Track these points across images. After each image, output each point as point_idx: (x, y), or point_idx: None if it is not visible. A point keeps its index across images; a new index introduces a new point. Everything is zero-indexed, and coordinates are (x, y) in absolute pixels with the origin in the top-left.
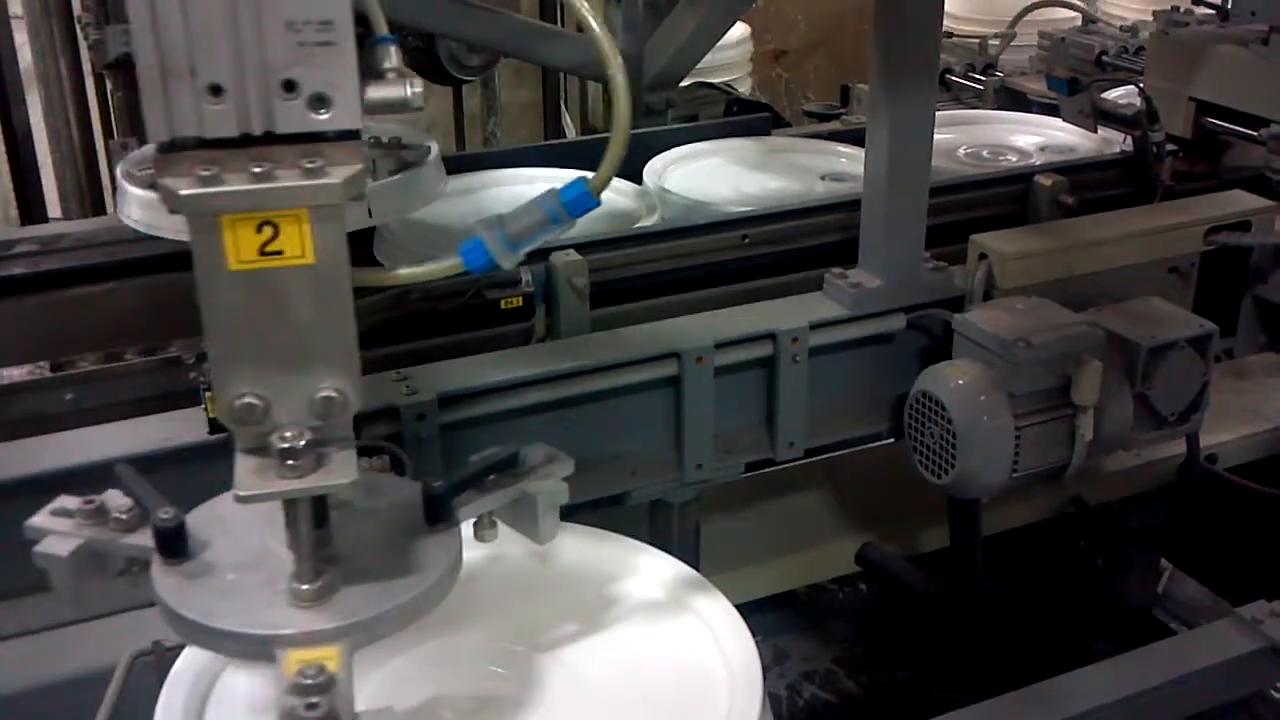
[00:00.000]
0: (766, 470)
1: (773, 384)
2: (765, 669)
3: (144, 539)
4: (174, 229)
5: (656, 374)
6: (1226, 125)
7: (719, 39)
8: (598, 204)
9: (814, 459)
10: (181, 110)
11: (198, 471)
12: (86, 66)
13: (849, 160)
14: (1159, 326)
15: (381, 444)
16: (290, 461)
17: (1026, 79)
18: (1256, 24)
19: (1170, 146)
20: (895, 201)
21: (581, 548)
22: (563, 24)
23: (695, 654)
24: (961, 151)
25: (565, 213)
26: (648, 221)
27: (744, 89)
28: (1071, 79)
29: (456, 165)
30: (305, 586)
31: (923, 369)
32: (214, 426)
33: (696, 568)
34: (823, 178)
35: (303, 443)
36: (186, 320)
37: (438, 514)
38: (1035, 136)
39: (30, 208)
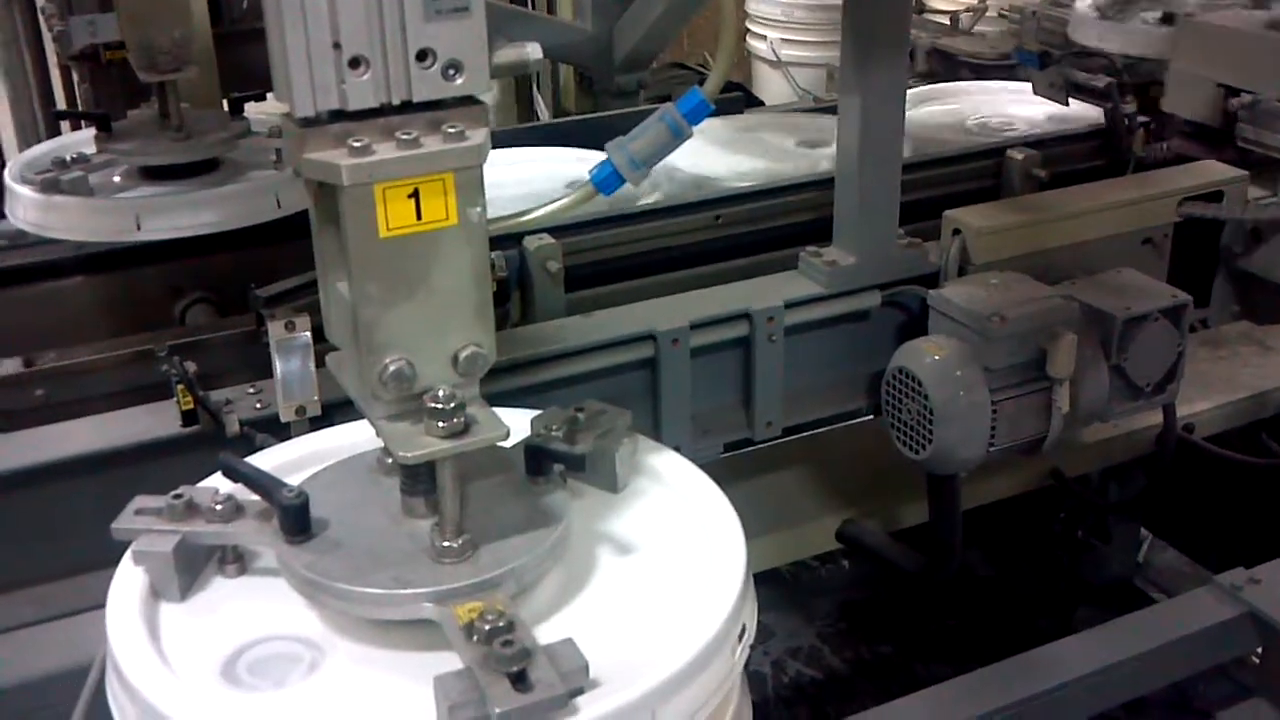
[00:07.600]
0: (745, 450)
1: (749, 363)
2: (749, 647)
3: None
4: (67, 229)
5: (632, 356)
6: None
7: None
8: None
9: (792, 437)
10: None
11: (171, 465)
12: (52, 59)
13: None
14: (1133, 298)
15: None
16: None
17: (956, 39)
18: None
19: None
20: (868, 178)
21: None
22: (533, 6)
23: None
24: (970, 122)
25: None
26: (650, 199)
27: None
28: (1043, 52)
29: None
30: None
31: (899, 345)
32: (186, 419)
33: None
34: (798, 144)
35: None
36: (157, 314)
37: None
38: (1042, 105)
39: None
